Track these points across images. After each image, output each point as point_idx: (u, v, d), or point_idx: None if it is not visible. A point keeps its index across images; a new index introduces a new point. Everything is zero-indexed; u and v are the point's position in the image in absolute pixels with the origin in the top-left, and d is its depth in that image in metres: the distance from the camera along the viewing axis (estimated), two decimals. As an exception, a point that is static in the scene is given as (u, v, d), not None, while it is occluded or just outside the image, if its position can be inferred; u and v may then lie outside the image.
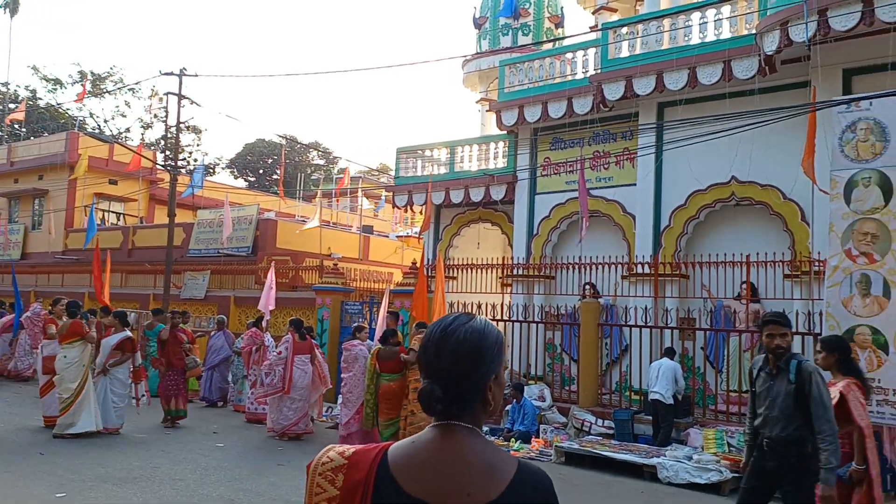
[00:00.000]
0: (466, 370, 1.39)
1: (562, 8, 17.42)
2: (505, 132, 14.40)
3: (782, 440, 4.45)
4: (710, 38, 11.03)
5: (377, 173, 36.81)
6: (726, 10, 11.08)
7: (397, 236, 24.98)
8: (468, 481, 1.32)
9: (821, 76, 9.67)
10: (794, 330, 9.31)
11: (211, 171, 42.47)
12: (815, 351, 5.34)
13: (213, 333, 13.64)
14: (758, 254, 10.29)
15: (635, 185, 12.21)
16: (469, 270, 13.63)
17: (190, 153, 40.54)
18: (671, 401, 9.42)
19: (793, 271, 10.10)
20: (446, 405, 1.39)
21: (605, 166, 12.95)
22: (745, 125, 9.66)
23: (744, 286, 10.37)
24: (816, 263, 9.48)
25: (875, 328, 8.34)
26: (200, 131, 42.23)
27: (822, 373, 4.49)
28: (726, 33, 10.96)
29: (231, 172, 47.02)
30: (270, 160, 45.44)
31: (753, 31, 10.26)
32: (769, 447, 4.54)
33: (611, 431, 10.04)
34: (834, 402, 4.63)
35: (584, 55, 13.03)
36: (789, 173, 9.94)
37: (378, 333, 9.85)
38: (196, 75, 25.18)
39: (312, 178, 40.48)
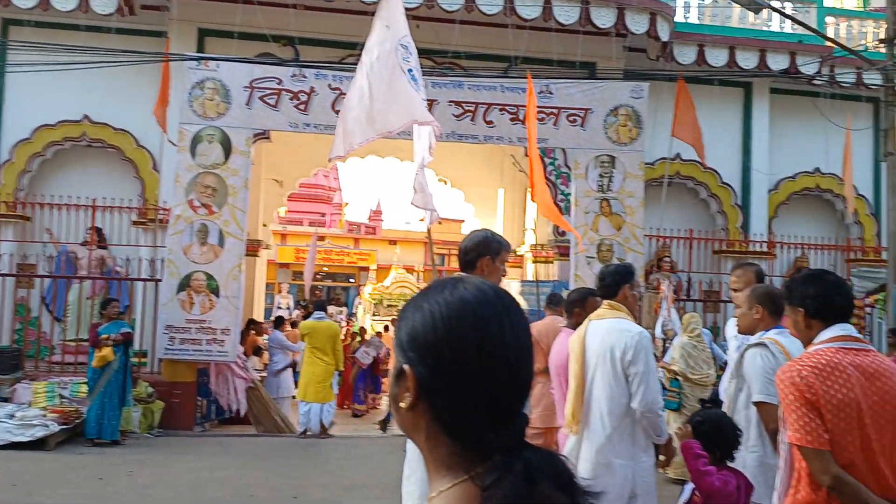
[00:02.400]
0: None
1: None
2: None
3: None
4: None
5: None
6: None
7: None
8: None
9: (177, 29, 9.92)
10: (137, 276, 9.57)
11: None
12: None
13: None
14: (106, 199, 10.01)
15: (-29, 108, 10.33)
16: None
17: None
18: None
19: (141, 219, 10.17)
20: None
21: (-72, 79, 10.57)
22: (100, 62, 9.20)
23: (89, 231, 9.96)
24: (162, 212, 9.76)
25: (210, 274, 9.07)
26: None
27: None
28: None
29: None
30: None
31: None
32: None
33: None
34: None
35: None
36: (143, 120, 9.88)
37: None
38: None
39: None
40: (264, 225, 14.44)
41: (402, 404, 0.92)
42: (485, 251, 3.31)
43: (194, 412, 9.16)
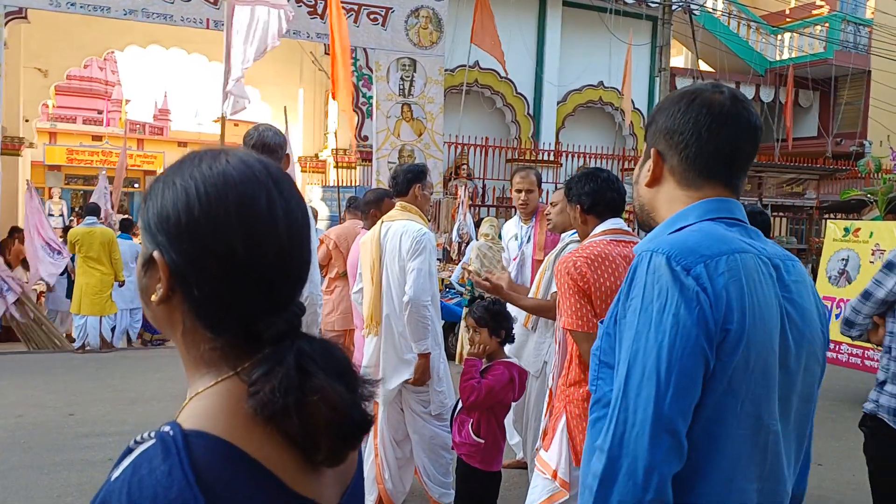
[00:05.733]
0: None
1: None
2: None
3: None
4: None
5: None
6: None
7: None
8: None
9: None
10: None
11: None
12: None
13: None
14: None
15: None
16: None
17: None
18: None
19: None
20: None
21: None
22: None
23: None
24: None
25: (-45, 174, 7.85)
26: None
27: None
28: None
29: None
30: None
31: None
32: None
33: None
34: None
35: None
36: None
37: None
38: None
39: None
40: (27, 120, 12.69)
41: (153, 298, 0.79)
42: (286, 149, 3.28)
43: (-54, 331, 8.07)
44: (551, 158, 12.62)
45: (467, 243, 9.86)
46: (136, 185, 24.06)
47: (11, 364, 7.56)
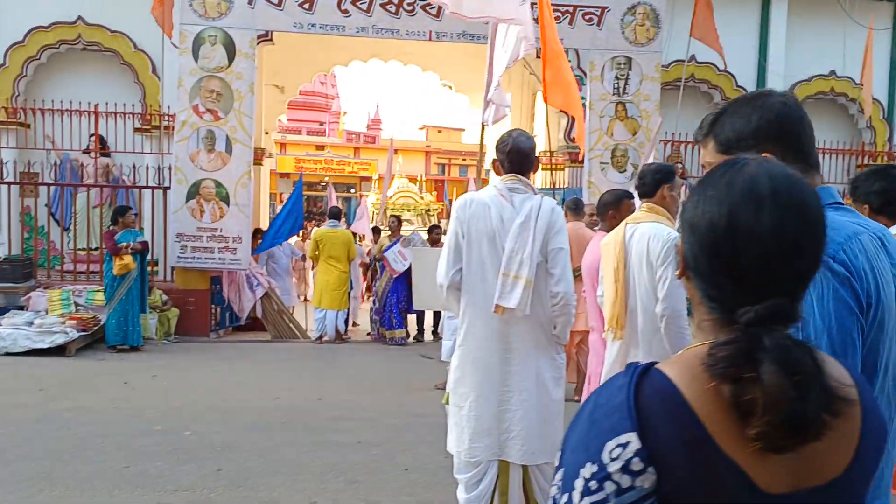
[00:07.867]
0: None
1: None
2: None
3: None
4: None
5: None
6: None
7: None
8: None
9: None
10: (144, 184, 9.44)
11: None
12: None
13: None
14: (107, 104, 9.72)
15: (-45, 10, 9.86)
16: None
17: None
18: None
19: (144, 125, 9.91)
20: None
21: None
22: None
23: (93, 138, 9.73)
24: (166, 118, 9.50)
25: (219, 181, 8.95)
26: None
27: None
28: None
29: None
30: None
31: None
32: None
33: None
34: None
35: None
36: (141, 22, 9.46)
37: None
38: None
39: None
40: (266, 133, 14.14)
41: (676, 272, 1.02)
42: (536, 152, 3.39)
43: (209, 319, 9.22)
44: (775, 155, 11.71)
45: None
46: (352, 191, 25.94)
47: (261, 351, 8.49)
